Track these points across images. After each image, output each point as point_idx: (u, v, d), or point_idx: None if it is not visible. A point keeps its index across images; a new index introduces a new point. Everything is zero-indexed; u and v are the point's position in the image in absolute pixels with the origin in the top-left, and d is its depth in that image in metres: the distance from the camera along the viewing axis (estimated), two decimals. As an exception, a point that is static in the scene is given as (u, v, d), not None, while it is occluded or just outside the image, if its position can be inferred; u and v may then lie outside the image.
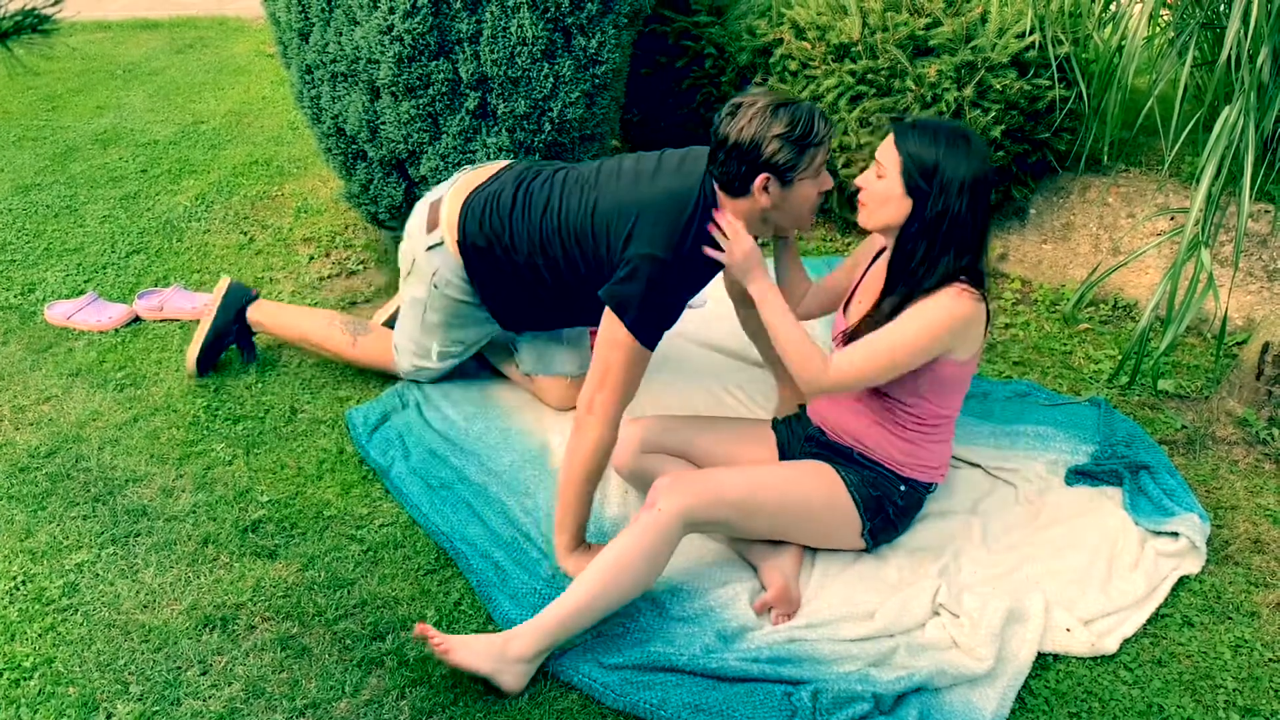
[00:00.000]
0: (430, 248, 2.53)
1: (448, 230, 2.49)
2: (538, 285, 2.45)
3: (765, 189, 2.13)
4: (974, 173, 2.02)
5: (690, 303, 2.51)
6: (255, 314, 2.90)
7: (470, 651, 1.95)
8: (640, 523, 2.03)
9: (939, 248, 2.05)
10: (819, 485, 2.17)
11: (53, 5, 1.90)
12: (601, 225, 2.28)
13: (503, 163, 2.57)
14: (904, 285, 2.09)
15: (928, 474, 2.23)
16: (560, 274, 2.39)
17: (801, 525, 2.18)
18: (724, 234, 2.18)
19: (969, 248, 2.07)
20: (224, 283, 2.91)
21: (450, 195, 2.52)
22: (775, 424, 2.40)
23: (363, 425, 2.68)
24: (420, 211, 2.58)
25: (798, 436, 2.34)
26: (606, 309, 2.21)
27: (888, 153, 2.08)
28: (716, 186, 2.19)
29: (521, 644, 1.96)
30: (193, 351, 2.87)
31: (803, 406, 2.41)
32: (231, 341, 2.93)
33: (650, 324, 2.20)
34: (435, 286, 2.55)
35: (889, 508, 2.20)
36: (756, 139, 2.09)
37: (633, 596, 2.05)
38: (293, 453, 2.63)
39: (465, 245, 2.47)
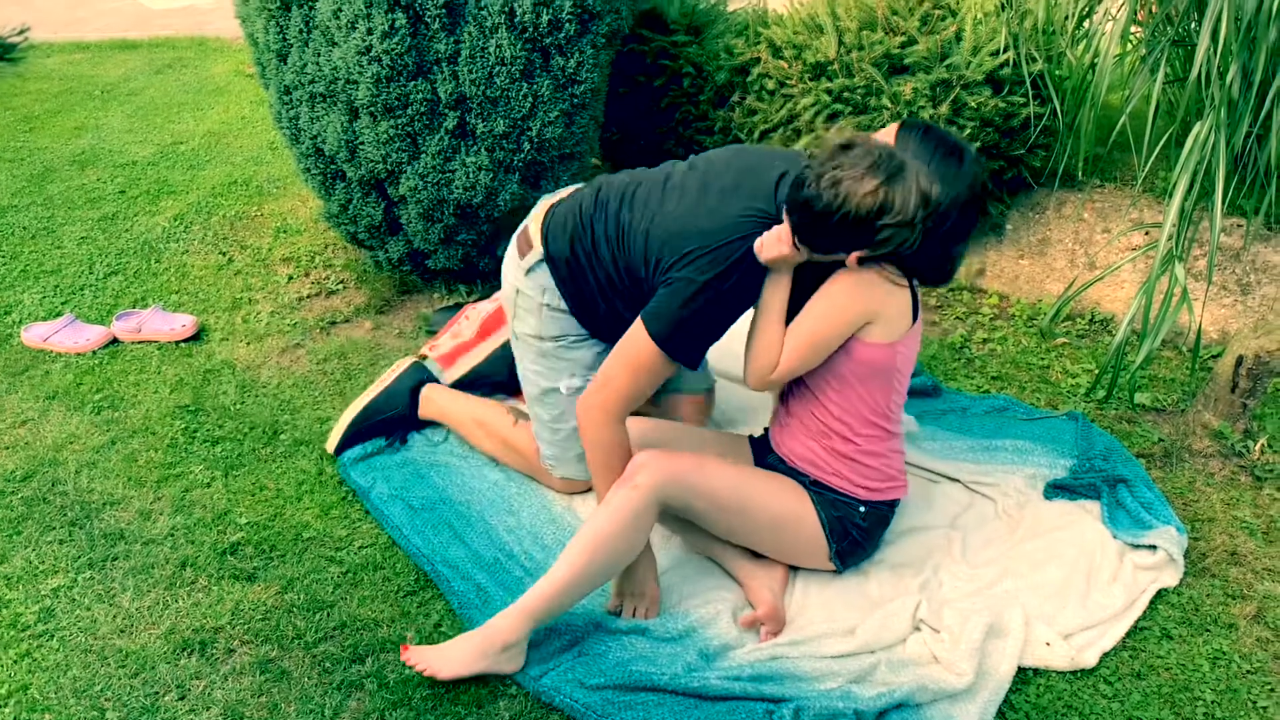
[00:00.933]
0: (529, 270, 2.34)
1: (540, 245, 2.32)
2: (615, 298, 2.30)
3: (859, 259, 2.02)
4: (939, 194, 1.97)
5: None
6: (425, 397, 2.73)
7: (456, 662, 1.97)
8: (617, 498, 2.05)
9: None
10: (790, 500, 2.18)
11: (18, 35, 1.90)
12: (654, 252, 2.15)
13: (576, 186, 2.40)
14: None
15: (883, 492, 2.20)
16: (629, 292, 2.25)
17: (767, 534, 2.18)
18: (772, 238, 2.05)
19: (908, 251, 2.01)
20: (404, 363, 2.77)
21: (532, 217, 2.37)
22: (751, 440, 2.40)
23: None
24: (509, 248, 2.42)
25: (764, 457, 2.34)
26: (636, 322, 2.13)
27: (886, 139, 2.07)
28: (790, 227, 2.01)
29: (508, 632, 1.99)
30: (338, 430, 2.67)
31: (767, 429, 2.41)
32: (392, 424, 2.72)
33: (679, 339, 2.11)
34: (548, 306, 2.35)
35: (853, 530, 2.19)
36: (869, 220, 1.92)
37: (614, 573, 2.07)
38: (272, 474, 2.62)
39: (552, 257, 2.30)
